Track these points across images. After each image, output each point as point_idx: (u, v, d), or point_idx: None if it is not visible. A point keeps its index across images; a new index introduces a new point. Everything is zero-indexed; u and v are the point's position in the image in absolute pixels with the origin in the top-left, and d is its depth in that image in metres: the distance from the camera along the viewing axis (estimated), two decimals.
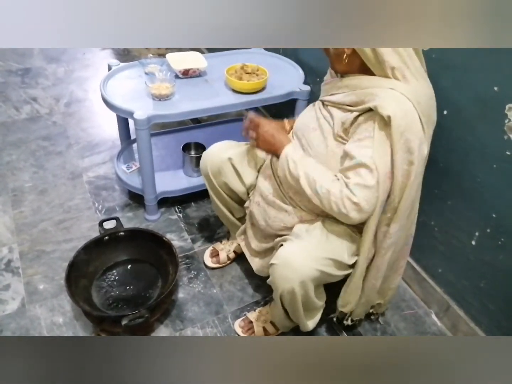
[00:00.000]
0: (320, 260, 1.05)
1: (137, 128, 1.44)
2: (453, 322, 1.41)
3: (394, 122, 0.94)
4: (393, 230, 1.09)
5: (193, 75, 1.68)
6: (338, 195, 1.01)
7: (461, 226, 1.30)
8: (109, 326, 1.28)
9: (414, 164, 1.00)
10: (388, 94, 0.98)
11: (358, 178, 0.99)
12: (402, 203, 1.05)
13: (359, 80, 1.05)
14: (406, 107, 0.97)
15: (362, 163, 0.98)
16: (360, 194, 0.99)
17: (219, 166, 1.31)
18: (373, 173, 0.98)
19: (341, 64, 1.06)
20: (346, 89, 1.07)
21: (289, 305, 1.14)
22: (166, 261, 1.44)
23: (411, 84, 0.99)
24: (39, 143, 2.09)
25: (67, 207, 1.76)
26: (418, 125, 0.98)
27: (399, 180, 1.01)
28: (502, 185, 1.14)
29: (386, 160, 0.99)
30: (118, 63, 1.70)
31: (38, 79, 2.57)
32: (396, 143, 0.97)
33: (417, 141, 0.98)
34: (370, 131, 0.99)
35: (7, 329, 1.33)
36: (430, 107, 1.04)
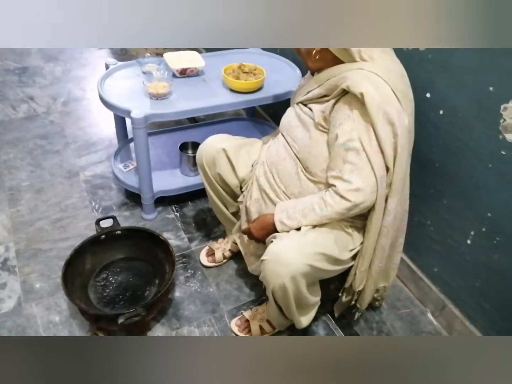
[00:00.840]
0: (311, 255, 1.05)
1: (134, 127, 1.44)
2: (448, 321, 1.41)
3: (368, 97, 0.97)
4: (391, 206, 1.10)
5: (190, 74, 1.68)
6: (337, 199, 1.04)
7: (457, 225, 1.30)
8: (105, 324, 1.28)
9: (397, 135, 1.02)
10: (357, 74, 1.01)
11: (348, 166, 1.02)
12: (395, 176, 1.07)
13: (330, 71, 1.09)
14: (376, 82, 1.00)
15: (349, 147, 1.01)
16: (355, 178, 1.02)
17: (213, 157, 1.32)
18: (360, 154, 1.01)
19: (313, 61, 1.11)
20: (320, 82, 1.10)
21: (282, 301, 1.14)
22: (163, 260, 1.44)
23: (378, 62, 1.03)
24: (36, 142, 2.09)
25: (64, 206, 1.76)
26: (392, 97, 1.01)
27: (388, 152, 1.03)
28: (497, 184, 1.14)
29: (371, 136, 1.01)
30: (115, 62, 1.70)
31: (35, 78, 2.57)
32: (375, 117, 0.99)
33: (395, 111, 1.00)
34: (348, 113, 1.02)
35: (3, 327, 1.33)
36: (402, 83, 1.06)
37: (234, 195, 1.40)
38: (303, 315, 1.23)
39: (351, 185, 1.02)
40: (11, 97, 2.38)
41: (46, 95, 2.43)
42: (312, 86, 1.13)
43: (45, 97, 2.42)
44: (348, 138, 1.01)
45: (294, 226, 1.10)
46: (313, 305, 1.24)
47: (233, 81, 1.57)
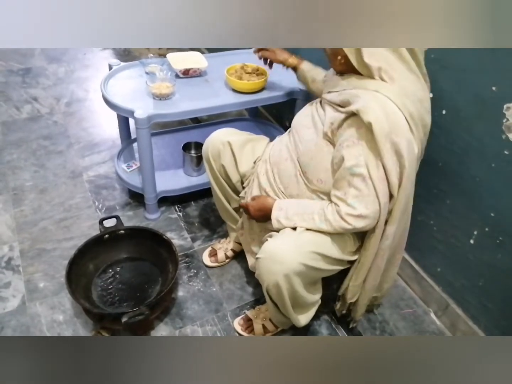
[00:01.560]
0: (305, 254, 1.06)
1: (138, 127, 1.44)
2: (452, 321, 1.41)
3: (376, 126, 0.95)
4: (389, 232, 1.11)
5: (193, 75, 1.68)
6: (337, 218, 1.05)
7: (460, 225, 1.30)
8: (109, 323, 1.29)
9: (405, 167, 1.01)
10: (371, 97, 0.98)
11: (353, 190, 1.02)
12: (397, 205, 1.07)
13: (349, 80, 1.06)
14: (389, 110, 0.97)
15: (355, 173, 1.00)
16: (359, 205, 1.02)
17: (219, 149, 1.33)
18: (366, 181, 1.00)
19: (337, 64, 1.09)
20: (339, 87, 1.08)
21: (277, 299, 1.14)
22: (166, 260, 1.44)
23: (397, 84, 0.99)
24: (40, 143, 2.10)
25: (68, 206, 1.77)
26: (404, 126, 0.98)
27: (395, 182, 1.02)
28: (500, 184, 1.14)
29: (378, 164, 0.99)
30: (118, 63, 1.71)
31: (39, 79, 2.58)
32: (382, 148, 0.97)
33: (405, 142, 0.98)
34: (357, 137, 1.00)
35: (8, 326, 1.34)
36: (418, 109, 1.02)
37: (236, 190, 1.41)
38: (302, 313, 1.23)
39: (354, 211, 1.02)
40: (15, 98, 2.39)
41: (50, 96, 2.44)
42: (333, 88, 1.11)
43: (48, 98, 2.42)
44: (355, 163, 0.99)
45: (290, 226, 1.11)
46: (313, 304, 1.24)
47: (236, 81, 1.57)
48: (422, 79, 1.05)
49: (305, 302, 1.19)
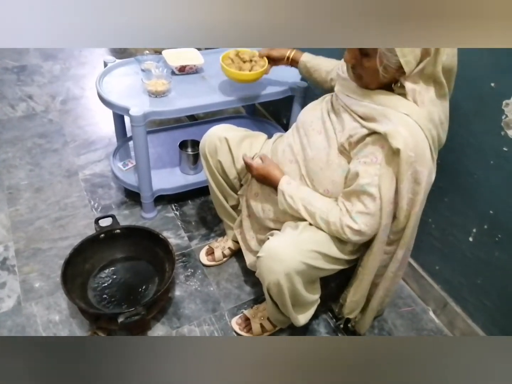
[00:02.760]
0: (306, 253, 1.05)
1: (133, 125, 1.43)
2: (450, 319, 1.41)
3: (404, 154, 0.93)
4: (399, 256, 1.12)
5: (189, 71, 1.67)
6: (338, 224, 1.04)
7: (458, 223, 1.29)
8: (105, 323, 1.28)
9: (419, 194, 1.00)
10: (401, 121, 0.94)
11: (360, 206, 1.01)
12: (408, 231, 1.06)
13: (378, 94, 1.00)
14: (418, 138, 0.94)
15: (366, 191, 0.99)
16: (361, 221, 1.02)
17: (215, 145, 1.32)
18: (376, 201, 0.99)
19: (374, 82, 1.00)
20: (361, 97, 1.03)
21: (277, 298, 1.14)
22: (163, 259, 1.43)
23: (426, 109, 0.96)
24: (35, 141, 2.08)
25: (63, 205, 1.75)
26: (428, 155, 0.97)
27: (404, 207, 1.02)
28: (499, 181, 1.14)
29: (391, 188, 0.99)
30: (114, 60, 1.69)
31: (34, 77, 2.55)
32: (403, 174, 0.96)
33: (426, 171, 0.97)
34: (377, 157, 0.97)
35: (3, 327, 1.32)
36: (440, 132, 1.01)
37: (234, 186, 1.40)
38: (301, 313, 1.23)
39: (354, 225, 1.02)
40: (10, 96, 2.37)
41: (45, 94, 2.42)
42: (353, 94, 1.05)
43: (43, 95, 2.40)
44: (369, 182, 0.98)
45: (293, 207, 1.11)
46: (312, 303, 1.24)
47: (239, 73, 1.45)
48: (448, 101, 1.02)
49: (305, 301, 1.19)
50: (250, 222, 1.32)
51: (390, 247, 1.12)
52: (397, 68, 0.94)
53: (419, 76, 0.95)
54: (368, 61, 0.95)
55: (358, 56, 0.98)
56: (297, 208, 1.10)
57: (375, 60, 0.93)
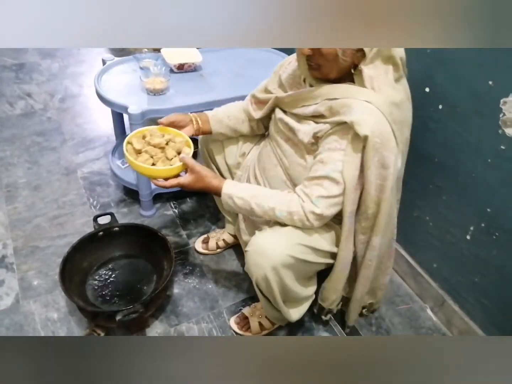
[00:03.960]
0: (294, 246, 1.05)
1: (132, 122, 1.43)
2: (448, 317, 1.41)
3: (371, 140, 0.95)
4: (375, 243, 1.11)
5: (188, 69, 1.67)
6: (301, 212, 1.03)
7: (456, 221, 1.30)
8: (103, 321, 1.28)
9: (388, 179, 1.01)
10: (364, 109, 0.96)
11: (321, 190, 1.01)
12: (381, 217, 1.07)
13: (333, 89, 1.02)
14: (382, 124, 0.96)
15: (329, 176, 1.00)
16: (323, 204, 1.02)
17: (213, 141, 1.35)
18: (338, 185, 1.00)
19: (334, 69, 1.00)
20: (319, 98, 1.04)
21: (267, 293, 1.13)
22: (161, 257, 1.43)
23: (385, 93, 0.98)
24: (34, 139, 2.08)
25: (62, 203, 1.75)
26: (392, 140, 0.98)
27: (372, 193, 1.02)
28: (497, 179, 1.14)
29: (355, 174, 0.99)
30: (112, 58, 1.69)
31: (32, 75, 2.55)
32: (370, 160, 0.97)
33: (393, 156, 0.98)
34: (342, 144, 0.99)
35: (1, 325, 1.32)
36: (401, 114, 1.02)
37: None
38: (293, 308, 1.22)
39: (316, 209, 1.02)
40: (8, 94, 2.36)
41: (43, 92, 2.42)
42: (310, 101, 1.06)
43: (42, 93, 2.40)
44: (333, 168, 0.99)
45: (246, 208, 1.07)
46: (306, 298, 1.24)
47: (143, 167, 1.07)
48: (405, 80, 1.05)
49: (297, 296, 1.19)
50: (245, 225, 1.32)
51: (364, 235, 1.12)
52: (356, 50, 0.95)
53: (378, 57, 0.97)
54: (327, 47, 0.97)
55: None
56: (250, 209, 1.06)
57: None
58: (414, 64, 1.26)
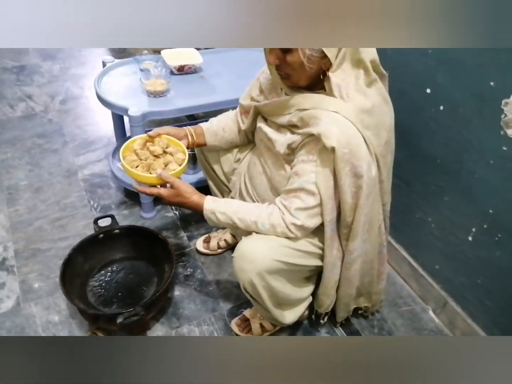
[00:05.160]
0: (280, 250, 1.05)
1: (132, 125, 1.43)
2: (450, 318, 1.40)
3: (339, 152, 0.94)
4: (352, 247, 1.11)
5: (188, 71, 1.67)
6: (282, 224, 1.04)
7: (458, 222, 1.29)
8: (104, 324, 1.27)
9: (362, 188, 1.00)
10: (331, 120, 0.95)
11: (299, 202, 1.02)
12: (355, 223, 1.07)
13: (303, 99, 1.01)
14: (349, 133, 0.95)
15: (304, 188, 1.00)
16: (302, 215, 1.03)
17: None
18: (315, 196, 1.01)
19: (302, 76, 0.99)
20: (291, 108, 1.03)
21: (255, 297, 1.12)
22: (162, 259, 1.43)
23: (354, 101, 0.97)
24: (35, 141, 2.08)
25: (63, 205, 1.75)
26: (363, 149, 0.97)
27: (348, 201, 1.02)
28: (499, 180, 1.13)
29: (329, 184, 1.00)
30: (112, 60, 1.69)
31: (33, 77, 2.55)
32: (341, 171, 0.97)
33: (365, 165, 0.98)
34: (313, 155, 0.99)
35: (2, 327, 1.32)
36: (374, 121, 1.00)
37: (225, 182, 1.41)
38: (287, 310, 1.22)
39: (297, 221, 1.03)
40: (9, 96, 2.37)
41: (44, 94, 2.42)
42: (283, 111, 1.06)
43: (43, 95, 2.40)
44: (307, 179, 1.00)
45: (228, 222, 1.08)
46: (300, 300, 1.23)
47: (143, 176, 1.09)
48: (381, 82, 1.02)
49: (289, 299, 1.18)
50: (241, 230, 1.32)
51: (346, 241, 1.12)
52: (321, 56, 0.94)
53: (345, 62, 0.95)
54: (291, 56, 0.95)
55: (280, 55, 0.97)
56: (233, 223, 1.08)
57: (297, 53, 0.94)
58: (415, 65, 1.26)
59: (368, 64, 0.97)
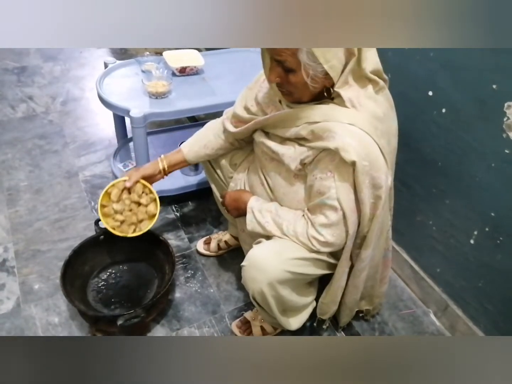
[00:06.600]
0: (289, 261, 1.04)
1: (134, 126, 1.43)
2: (451, 321, 1.40)
3: (359, 165, 0.92)
4: (364, 255, 1.11)
5: (190, 73, 1.67)
6: (305, 235, 1.04)
7: (460, 225, 1.29)
8: (104, 326, 1.27)
9: (381, 198, 1.00)
10: (348, 133, 0.92)
11: (323, 218, 1.01)
12: (371, 233, 1.06)
13: (312, 111, 0.97)
14: (368, 145, 0.94)
15: (327, 204, 0.99)
16: (327, 232, 1.02)
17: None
18: (338, 212, 0.99)
19: (305, 94, 0.97)
20: (300, 121, 0.99)
21: (263, 305, 1.12)
22: (163, 261, 1.42)
23: (368, 109, 0.95)
24: (35, 142, 2.08)
25: (63, 206, 1.75)
26: (381, 159, 0.96)
27: (367, 213, 1.02)
28: (500, 184, 1.13)
29: (350, 197, 0.99)
30: (114, 61, 1.69)
31: (34, 78, 2.55)
32: (362, 184, 0.96)
33: (383, 176, 0.97)
34: (330, 169, 0.97)
35: (2, 329, 1.32)
36: (385, 126, 0.99)
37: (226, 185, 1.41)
38: (293, 317, 1.22)
39: (320, 237, 1.03)
40: (10, 97, 2.36)
41: (45, 95, 2.41)
42: (288, 123, 1.02)
43: (44, 96, 2.40)
44: (328, 196, 0.98)
45: (260, 221, 1.09)
46: (304, 306, 1.23)
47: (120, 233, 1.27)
48: (386, 89, 1.02)
49: (295, 306, 1.18)
50: (244, 236, 1.32)
51: (358, 250, 1.12)
52: (325, 76, 0.92)
53: (353, 78, 0.94)
54: (294, 76, 0.93)
55: (282, 74, 0.95)
56: (265, 222, 1.08)
57: (301, 73, 0.91)
58: (417, 68, 1.26)
59: (372, 76, 0.96)
